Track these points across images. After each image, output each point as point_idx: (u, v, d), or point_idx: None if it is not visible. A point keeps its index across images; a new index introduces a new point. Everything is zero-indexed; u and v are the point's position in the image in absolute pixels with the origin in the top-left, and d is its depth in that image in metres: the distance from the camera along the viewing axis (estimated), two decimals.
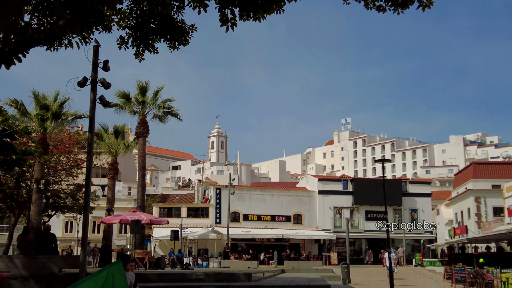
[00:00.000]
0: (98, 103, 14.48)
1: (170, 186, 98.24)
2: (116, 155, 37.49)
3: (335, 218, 53.98)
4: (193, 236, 46.06)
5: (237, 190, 51.44)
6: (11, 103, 26.87)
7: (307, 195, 55.14)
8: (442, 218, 65.63)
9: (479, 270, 25.83)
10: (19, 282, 12.68)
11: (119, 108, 34.13)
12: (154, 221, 22.58)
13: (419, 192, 56.07)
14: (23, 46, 11.58)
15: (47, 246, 14.37)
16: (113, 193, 37.08)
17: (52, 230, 57.78)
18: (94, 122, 14.31)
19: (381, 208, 53.13)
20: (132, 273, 8.81)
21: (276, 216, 53.11)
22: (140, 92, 33.61)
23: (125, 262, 8.63)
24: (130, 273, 8.70)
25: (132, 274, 8.73)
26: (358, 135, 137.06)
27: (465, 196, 53.94)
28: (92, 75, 14.51)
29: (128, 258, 8.81)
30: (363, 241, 54.60)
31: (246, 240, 50.43)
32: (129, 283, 8.57)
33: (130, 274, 8.69)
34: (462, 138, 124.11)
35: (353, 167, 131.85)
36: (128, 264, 8.66)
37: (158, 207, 52.03)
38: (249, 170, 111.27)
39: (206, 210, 52.21)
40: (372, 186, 54.71)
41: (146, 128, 33.99)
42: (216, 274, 13.96)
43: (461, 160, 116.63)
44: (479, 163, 62.43)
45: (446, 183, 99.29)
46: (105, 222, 22.47)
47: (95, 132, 37.57)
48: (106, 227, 35.19)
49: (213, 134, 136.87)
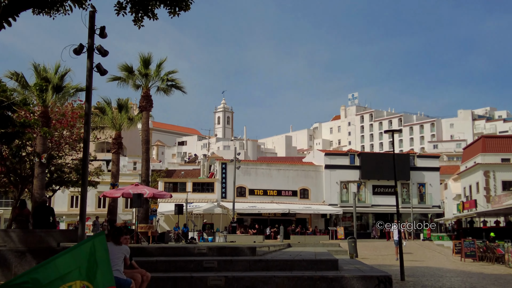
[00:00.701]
0: (95, 72, 13.89)
1: (176, 162, 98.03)
2: (120, 129, 37.10)
3: (342, 192, 53.54)
4: (198, 211, 45.78)
5: (243, 164, 50.99)
6: (11, 75, 26.33)
7: (314, 169, 54.63)
8: (450, 193, 65.10)
9: (489, 244, 25.31)
10: (15, 256, 12.25)
11: (122, 81, 33.52)
12: (157, 195, 22.16)
13: (427, 167, 55.43)
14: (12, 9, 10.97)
15: (44, 220, 13.93)
16: (117, 167, 36.76)
17: (58, 205, 57.77)
18: (91, 91, 13.72)
19: (388, 183, 52.64)
20: (127, 246, 8.27)
21: (283, 191, 52.72)
22: (143, 65, 32.97)
23: (118, 235, 8.10)
24: (124, 247, 8.17)
25: (126, 248, 8.19)
26: (365, 110, 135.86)
27: (474, 170, 53.29)
28: (88, 42, 13.91)
29: (121, 231, 8.20)
30: (370, 215, 54.23)
31: (252, 215, 50.17)
32: (123, 257, 8.04)
33: (124, 248, 8.16)
34: (471, 112, 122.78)
35: (360, 142, 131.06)
36: (121, 237, 8.11)
37: (163, 182, 51.72)
38: (255, 145, 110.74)
39: (211, 185, 51.87)
40: (380, 160, 54.14)
41: (150, 101, 33.40)
42: (220, 249, 13.51)
43: (469, 135, 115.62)
44: (489, 136, 61.58)
45: (454, 157, 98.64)
46: (107, 195, 22.05)
47: (98, 106, 37.30)
48: (111, 202, 34.94)
49: (219, 109, 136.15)
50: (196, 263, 11.57)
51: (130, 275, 8.01)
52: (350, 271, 11.93)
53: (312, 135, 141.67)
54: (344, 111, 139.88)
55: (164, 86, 33.85)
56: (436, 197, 55.48)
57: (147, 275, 8.41)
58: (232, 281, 10.36)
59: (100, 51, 13.93)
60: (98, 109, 37.11)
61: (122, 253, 8.04)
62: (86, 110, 13.77)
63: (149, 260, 11.57)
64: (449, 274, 17.53)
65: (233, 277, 10.42)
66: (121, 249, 8.09)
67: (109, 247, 7.97)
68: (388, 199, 52.87)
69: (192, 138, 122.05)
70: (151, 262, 11.48)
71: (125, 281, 7.72)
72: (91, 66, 13.78)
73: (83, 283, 5.44)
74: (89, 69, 13.72)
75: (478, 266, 22.33)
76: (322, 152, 58.58)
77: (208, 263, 11.61)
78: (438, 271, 18.49)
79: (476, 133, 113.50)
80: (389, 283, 10.67)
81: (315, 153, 61.14)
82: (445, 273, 17.69)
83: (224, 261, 11.72)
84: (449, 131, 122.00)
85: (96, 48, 13.84)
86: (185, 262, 11.60)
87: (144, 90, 33.17)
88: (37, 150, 26.06)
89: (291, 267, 11.78)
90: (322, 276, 10.58)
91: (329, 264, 12.04)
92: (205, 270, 11.42)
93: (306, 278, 10.50)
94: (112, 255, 7.73)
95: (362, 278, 10.58)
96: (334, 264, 12.07)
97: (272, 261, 11.89)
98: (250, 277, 10.46)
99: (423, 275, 16.60)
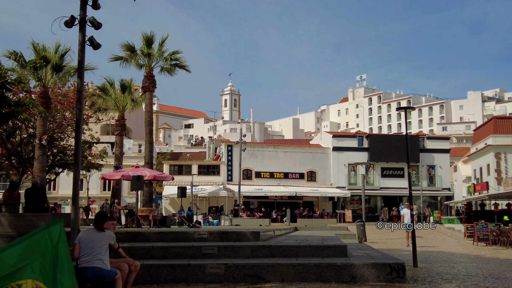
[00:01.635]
0: (88, 45, 13.02)
1: (183, 145, 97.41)
2: (123, 110, 36.33)
3: (350, 175, 52.69)
4: (203, 194, 45.05)
5: (249, 147, 50.20)
6: (10, 55, 25.49)
7: (321, 151, 53.74)
8: (459, 175, 64.11)
9: (503, 228, 24.44)
10: (5, 241, 11.56)
11: (124, 61, 32.55)
12: (158, 177, 21.39)
13: (437, 148, 54.40)
14: None
15: (35, 203, 13.21)
16: (121, 149, 36.06)
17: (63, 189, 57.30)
18: (83, 66, 12.87)
19: (397, 165, 51.80)
20: (111, 232, 7.46)
21: (289, 174, 51.95)
22: (146, 44, 31.95)
23: (102, 220, 7.30)
24: (108, 233, 7.37)
25: (110, 234, 7.38)
26: (374, 91, 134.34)
27: (484, 152, 52.20)
28: (80, 14, 12.99)
29: (105, 216, 7.38)
30: (378, 198, 53.42)
31: (258, 198, 49.50)
32: (107, 244, 7.24)
33: (108, 234, 7.36)
34: (480, 94, 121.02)
35: (368, 124, 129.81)
36: (105, 223, 7.31)
37: (168, 164, 51.06)
38: (262, 128, 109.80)
39: (217, 168, 51.18)
40: (388, 142, 53.26)
41: (153, 82, 32.44)
42: (221, 233, 12.76)
43: (479, 117, 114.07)
44: (500, 117, 60.23)
45: (464, 139, 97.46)
46: (107, 178, 21.33)
47: (101, 86, 36.51)
48: (115, 185, 34.27)
49: (226, 92, 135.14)
50: (194, 249, 10.82)
51: (115, 265, 7.21)
52: (359, 257, 11.15)
53: (320, 118, 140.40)
54: (352, 93, 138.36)
55: (168, 65, 32.88)
56: (446, 180, 54.54)
57: (135, 264, 7.60)
58: (232, 269, 9.61)
59: (93, 24, 13.04)
60: (101, 90, 36.36)
61: (106, 240, 7.26)
62: (78, 87, 12.94)
63: (145, 246, 10.82)
64: (463, 259, 16.73)
65: (233, 264, 9.67)
66: (104, 236, 7.28)
67: (91, 234, 7.20)
68: (397, 182, 52.07)
69: (199, 120, 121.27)
70: (147, 249, 10.74)
71: (109, 272, 6.93)
72: (83, 40, 12.91)
73: (36, 283, 4.58)
74: (81, 42, 12.85)
75: (492, 250, 21.49)
76: (329, 134, 57.64)
77: (207, 249, 10.86)
78: (451, 256, 17.69)
79: (486, 115, 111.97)
80: (402, 271, 9.89)
81: (322, 135, 60.22)
82: (458, 259, 16.88)
83: (224, 247, 10.97)
84: (459, 113, 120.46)
85: (88, 20, 12.95)
86: (183, 248, 10.84)
87: (147, 70, 32.25)
88: (37, 131, 25.38)
89: (296, 254, 11.01)
90: (330, 263, 9.80)
91: (337, 250, 11.25)
92: (204, 257, 10.68)
93: (313, 266, 9.73)
94: (93, 243, 6.96)
95: (373, 265, 9.80)
96: (342, 250, 11.29)
97: (276, 247, 11.12)
98: (251, 265, 9.70)
99: (436, 260, 15.81)
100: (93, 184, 52.79)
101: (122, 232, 12.89)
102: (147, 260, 10.15)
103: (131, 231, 13.63)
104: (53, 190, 53.90)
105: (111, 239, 7.31)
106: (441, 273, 12.35)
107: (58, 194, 53.55)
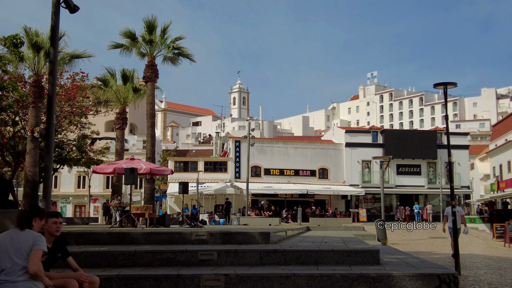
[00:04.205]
0: (63, 8, 10.87)
1: (190, 142, 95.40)
2: (125, 103, 34.35)
3: (364, 172, 50.30)
4: (209, 191, 42.73)
5: (258, 143, 47.97)
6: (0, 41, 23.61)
7: (333, 147, 51.37)
8: (476, 173, 61.50)
9: None
10: None
11: (124, 49, 30.38)
12: (155, 171, 19.20)
13: (456, 144, 51.71)
14: None
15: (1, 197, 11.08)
16: (122, 144, 34.06)
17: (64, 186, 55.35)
18: (57, 32, 10.74)
19: (413, 162, 49.43)
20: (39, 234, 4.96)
21: (300, 171, 49.62)
22: (147, 31, 29.78)
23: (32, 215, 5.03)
24: (31, 233, 4.91)
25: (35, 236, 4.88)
26: (385, 89, 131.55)
27: (505, 148, 49.61)
28: None
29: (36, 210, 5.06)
30: (394, 196, 50.98)
31: (267, 196, 47.19)
32: (28, 249, 4.78)
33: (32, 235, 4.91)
34: (495, 91, 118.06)
35: (380, 122, 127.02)
36: (34, 219, 4.99)
37: (173, 161, 48.92)
38: (272, 125, 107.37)
39: (224, 164, 48.97)
40: (404, 137, 50.92)
41: (155, 71, 30.24)
42: (224, 234, 10.55)
43: (493, 114, 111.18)
44: None
45: (478, 137, 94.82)
46: (98, 171, 19.18)
47: (101, 78, 34.47)
48: (116, 181, 32.25)
49: (235, 90, 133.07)
50: (189, 254, 8.59)
51: (60, 282, 4.93)
52: (395, 265, 8.88)
53: (330, 116, 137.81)
54: (363, 90, 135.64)
55: (171, 54, 30.69)
56: (465, 177, 52.09)
57: (91, 280, 5.28)
58: (234, 281, 7.36)
59: None
60: (102, 81, 34.42)
61: (26, 243, 4.86)
62: (51, 57, 10.80)
63: (125, 250, 8.60)
64: (506, 264, 14.44)
65: (236, 275, 7.41)
66: (26, 237, 4.92)
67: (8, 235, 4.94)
68: (413, 179, 49.77)
69: (207, 118, 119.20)
70: (128, 254, 8.52)
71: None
72: (57, 1, 10.76)
73: None
74: (55, 4, 10.72)
75: None
76: (342, 129, 55.25)
77: (205, 254, 8.62)
78: (490, 261, 15.41)
79: (500, 112, 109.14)
80: (455, 283, 7.56)
81: (334, 131, 57.80)
82: (501, 264, 14.60)
83: (226, 251, 8.73)
84: (472, 111, 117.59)
85: None
86: (174, 253, 8.61)
87: (149, 59, 30.09)
88: (29, 123, 23.44)
89: (316, 260, 8.75)
90: (361, 274, 7.51)
91: (368, 256, 8.97)
92: (200, 264, 8.45)
93: (339, 277, 7.45)
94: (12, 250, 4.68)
95: (417, 277, 7.50)
96: (374, 256, 8.99)
97: (290, 252, 8.86)
98: (259, 276, 7.43)
99: (477, 266, 13.55)
100: (95, 181, 50.87)
101: (105, 233, 10.72)
102: (125, 269, 7.95)
103: (116, 231, 11.45)
104: (54, 188, 51.95)
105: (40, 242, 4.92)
106: (492, 282, 10.11)
107: (59, 192, 51.63)
